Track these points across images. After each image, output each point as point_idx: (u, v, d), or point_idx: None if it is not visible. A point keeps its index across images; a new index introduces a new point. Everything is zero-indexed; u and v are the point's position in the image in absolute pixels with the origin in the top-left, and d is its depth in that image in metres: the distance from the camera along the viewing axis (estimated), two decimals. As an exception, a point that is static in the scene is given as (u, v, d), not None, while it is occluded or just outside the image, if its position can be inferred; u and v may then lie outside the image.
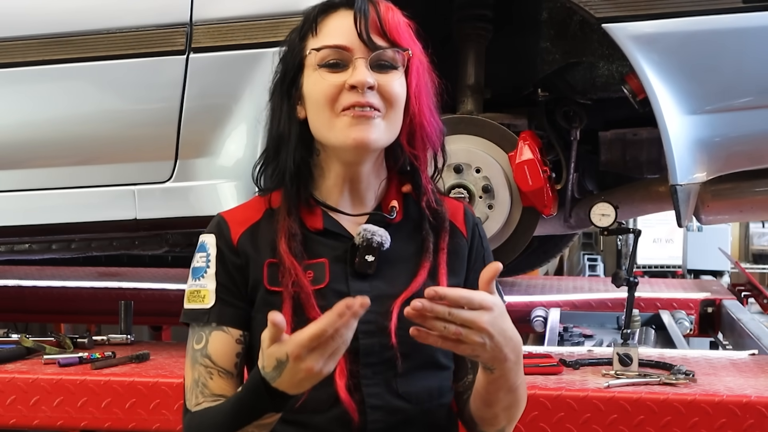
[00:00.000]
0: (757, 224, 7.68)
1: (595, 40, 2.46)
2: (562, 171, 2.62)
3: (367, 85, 1.38)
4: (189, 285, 1.47)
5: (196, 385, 1.43)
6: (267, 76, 2.26)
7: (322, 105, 1.41)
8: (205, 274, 1.45)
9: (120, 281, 3.97)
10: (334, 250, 1.44)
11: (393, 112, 1.42)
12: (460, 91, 2.54)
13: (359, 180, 1.47)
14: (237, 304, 1.45)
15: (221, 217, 1.49)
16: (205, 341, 1.43)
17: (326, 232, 1.46)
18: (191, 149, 2.39)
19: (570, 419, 1.97)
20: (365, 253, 1.43)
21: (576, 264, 7.33)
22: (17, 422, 2.15)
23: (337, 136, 1.40)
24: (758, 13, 2.15)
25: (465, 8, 2.56)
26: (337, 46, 1.40)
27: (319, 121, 1.42)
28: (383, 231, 1.44)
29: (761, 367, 2.27)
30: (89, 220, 2.48)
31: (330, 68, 1.41)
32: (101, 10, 2.42)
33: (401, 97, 1.43)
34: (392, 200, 1.49)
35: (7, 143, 2.50)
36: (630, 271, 2.29)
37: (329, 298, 1.38)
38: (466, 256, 1.52)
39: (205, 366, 1.43)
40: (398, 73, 1.43)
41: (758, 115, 2.25)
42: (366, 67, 1.39)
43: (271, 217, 1.46)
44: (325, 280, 1.42)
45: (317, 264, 1.43)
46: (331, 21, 1.43)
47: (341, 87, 1.39)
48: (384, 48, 1.41)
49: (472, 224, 1.54)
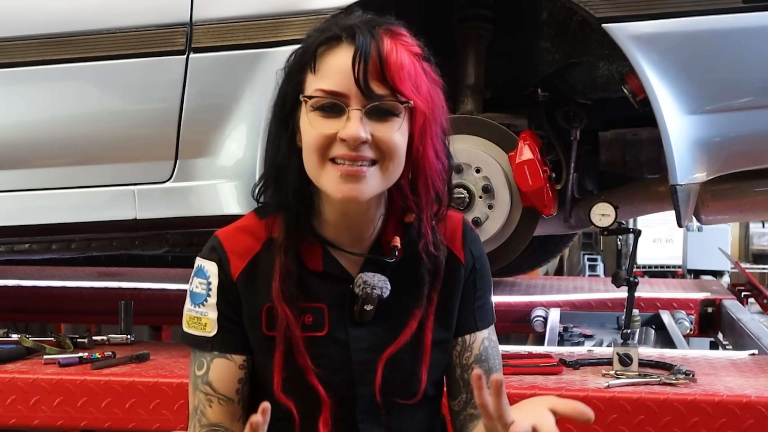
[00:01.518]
0: (757, 224, 7.67)
1: (595, 40, 2.45)
2: (562, 171, 2.61)
3: (359, 141, 1.30)
4: (188, 309, 1.44)
5: (195, 412, 1.42)
6: (267, 76, 2.29)
7: (312, 150, 1.33)
8: (205, 302, 1.41)
9: (120, 281, 3.97)
10: (332, 295, 1.41)
11: (390, 162, 1.34)
12: (460, 91, 2.54)
13: (356, 218, 1.41)
14: (239, 331, 1.42)
15: (221, 247, 1.41)
16: (206, 368, 1.41)
17: (325, 274, 1.41)
18: (191, 149, 2.39)
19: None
20: (364, 304, 1.39)
21: (576, 264, 7.32)
22: (17, 422, 2.15)
23: (327, 186, 1.34)
24: (758, 13, 2.15)
25: (465, 8, 2.56)
26: (333, 92, 1.31)
27: (310, 164, 1.35)
28: (383, 281, 1.39)
29: (761, 367, 2.27)
30: (89, 220, 2.48)
31: (324, 113, 1.32)
32: (101, 10, 2.42)
33: (400, 146, 1.34)
34: (392, 236, 1.42)
35: (7, 143, 2.50)
36: (630, 271, 2.29)
37: (328, 347, 1.39)
38: (461, 286, 1.47)
39: (205, 393, 1.41)
40: (398, 120, 1.33)
41: (758, 115, 2.25)
42: (360, 120, 1.30)
43: (270, 248, 1.40)
44: (324, 329, 1.40)
45: (316, 308, 1.40)
46: (331, 59, 1.33)
47: (333, 137, 1.31)
48: (382, 97, 1.31)
49: (469, 248, 1.48)
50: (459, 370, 1.48)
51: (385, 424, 1.42)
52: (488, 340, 1.49)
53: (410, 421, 1.44)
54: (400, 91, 1.32)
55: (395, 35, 1.34)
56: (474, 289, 1.48)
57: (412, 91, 1.33)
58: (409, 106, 1.34)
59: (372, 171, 1.33)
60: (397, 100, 1.32)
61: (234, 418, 1.41)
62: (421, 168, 1.38)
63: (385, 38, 1.32)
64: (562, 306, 3.37)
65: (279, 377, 1.36)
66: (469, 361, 1.48)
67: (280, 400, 1.37)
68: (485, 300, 1.50)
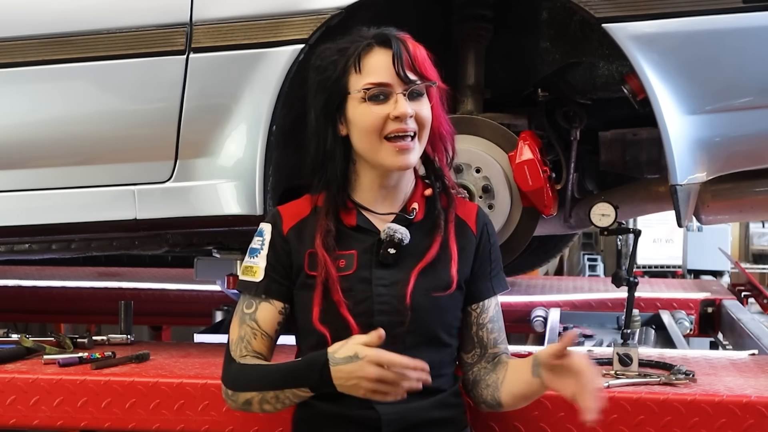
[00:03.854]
0: (757, 224, 7.67)
1: (595, 40, 2.45)
2: (562, 171, 2.61)
3: (408, 116, 1.69)
4: (245, 261, 1.80)
5: (241, 340, 1.76)
6: (267, 76, 2.30)
7: (370, 132, 1.70)
8: (258, 254, 1.78)
9: (120, 281, 3.98)
10: (363, 243, 1.75)
11: (424, 132, 1.74)
12: (460, 91, 2.54)
13: (392, 185, 1.77)
14: (281, 281, 1.77)
15: (278, 213, 1.81)
16: (255, 308, 1.77)
17: (358, 228, 1.76)
18: (191, 149, 2.39)
19: (570, 419, 1.98)
20: (388, 247, 1.73)
21: (576, 264, 7.33)
22: (17, 422, 2.15)
23: (385, 159, 1.71)
24: (758, 13, 2.15)
25: (465, 8, 2.56)
26: (381, 83, 1.69)
27: (366, 145, 1.72)
28: (404, 230, 1.73)
29: (761, 367, 2.27)
30: (89, 220, 2.48)
31: (375, 101, 1.70)
32: (101, 10, 2.42)
33: (430, 119, 1.74)
34: (415, 202, 1.78)
35: (7, 143, 2.50)
36: (630, 271, 2.29)
37: (354, 283, 1.72)
38: (474, 250, 1.80)
39: (251, 327, 1.76)
40: (426, 99, 1.74)
41: (758, 115, 2.25)
42: (405, 100, 1.69)
43: (316, 213, 1.77)
44: (353, 268, 1.73)
45: (349, 255, 1.74)
46: (372, 59, 1.71)
47: (386, 117, 1.69)
48: (416, 82, 1.71)
49: (483, 224, 1.83)
50: (475, 328, 1.82)
51: None
52: (498, 306, 1.85)
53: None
54: (426, 76, 1.73)
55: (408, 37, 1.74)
56: (489, 261, 1.82)
57: (433, 76, 1.74)
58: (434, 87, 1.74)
59: (414, 143, 1.72)
60: (426, 83, 1.73)
61: (270, 353, 1.78)
62: (438, 134, 1.79)
63: (407, 39, 1.73)
64: (562, 306, 3.38)
65: (317, 309, 1.70)
66: (484, 321, 1.82)
67: (318, 328, 1.69)
68: (498, 270, 1.85)
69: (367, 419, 1.70)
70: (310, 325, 1.71)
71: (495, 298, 1.84)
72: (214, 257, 3.02)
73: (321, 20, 2.25)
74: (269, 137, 2.31)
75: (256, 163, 2.31)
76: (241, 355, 1.76)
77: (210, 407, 2.09)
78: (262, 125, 2.30)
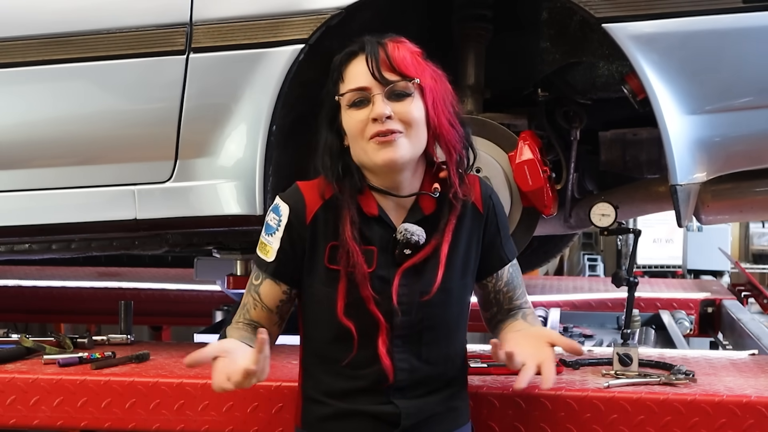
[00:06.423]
0: (757, 224, 7.68)
1: (595, 40, 2.45)
2: (562, 171, 2.61)
3: (385, 116, 1.67)
4: (262, 236, 1.81)
5: (243, 307, 1.83)
6: (267, 76, 2.30)
7: (356, 137, 1.71)
8: (274, 234, 1.78)
9: (120, 281, 3.98)
10: (382, 240, 1.76)
11: (413, 130, 1.70)
12: (460, 91, 2.54)
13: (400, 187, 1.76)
14: (290, 265, 1.78)
15: (300, 195, 1.79)
16: (260, 282, 1.81)
17: (380, 219, 1.76)
18: (191, 149, 2.39)
19: (570, 419, 1.98)
20: (404, 248, 1.74)
21: (576, 264, 7.33)
22: (17, 422, 2.15)
23: (370, 158, 1.70)
24: (758, 13, 2.15)
25: (465, 8, 2.56)
26: (357, 88, 1.70)
27: (356, 150, 1.73)
28: (420, 230, 1.74)
29: (761, 367, 2.27)
30: (89, 220, 2.48)
31: (356, 107, 1.70)
32: (101, 10, 2.42)
33: (419, 117, 1.71)
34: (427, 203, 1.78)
35: (7, 143, 2.50)
36: (630, 271, 2.29)
37: (374, 281, 1.73)
38: (482, 226, 1.83)
39: (253, 298, 1.82)
40: (413, 98, 1.70)
41: (758, 115, 2.25)
42: (382, 101, 1.68)
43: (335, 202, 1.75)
44: (372, 266, 1.74)
45: (368, 250, 1.74)
46: (351, 67, 1.72)
47: (367, 120, 1.69)
48: (394, 81, 1.68)
49: (487, 197, 1.84)
50: (492, 294, 1.89)
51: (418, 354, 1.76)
52: (512, 266, 1.90)
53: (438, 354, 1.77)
54: (405, 74, 1.69)
55: (396, 40, 1.73)
56: (498, 232, 1.85)
57: (415, 73, 1.70)
58: (417, 84, 1.70)
59: (401, 139, 1.69)
60: (405, 80, 1.69)
61: (270, 323, 1.81)
62: (439, 134, 1.75)
63: (389, 42, 1.72)
64: (562, 306, 3.38)
65: (342, 303, 1.71)
66: (500, 287, 1.88)
67: (342, 322, 1.71)
68: (507, 239, 1.88)
69: (387, 414, 1.74)
70: (332, 318, 1.72)
71: (508, 266, 1.88)
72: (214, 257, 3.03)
73: (321, 20, 2.25)
74: (269, 137, 2.31)
75: (256, 163, 2.31)
76: (238, 321, 1.83)
77: (210, 407, 2.10)
78: (262, 125, 2.30)
